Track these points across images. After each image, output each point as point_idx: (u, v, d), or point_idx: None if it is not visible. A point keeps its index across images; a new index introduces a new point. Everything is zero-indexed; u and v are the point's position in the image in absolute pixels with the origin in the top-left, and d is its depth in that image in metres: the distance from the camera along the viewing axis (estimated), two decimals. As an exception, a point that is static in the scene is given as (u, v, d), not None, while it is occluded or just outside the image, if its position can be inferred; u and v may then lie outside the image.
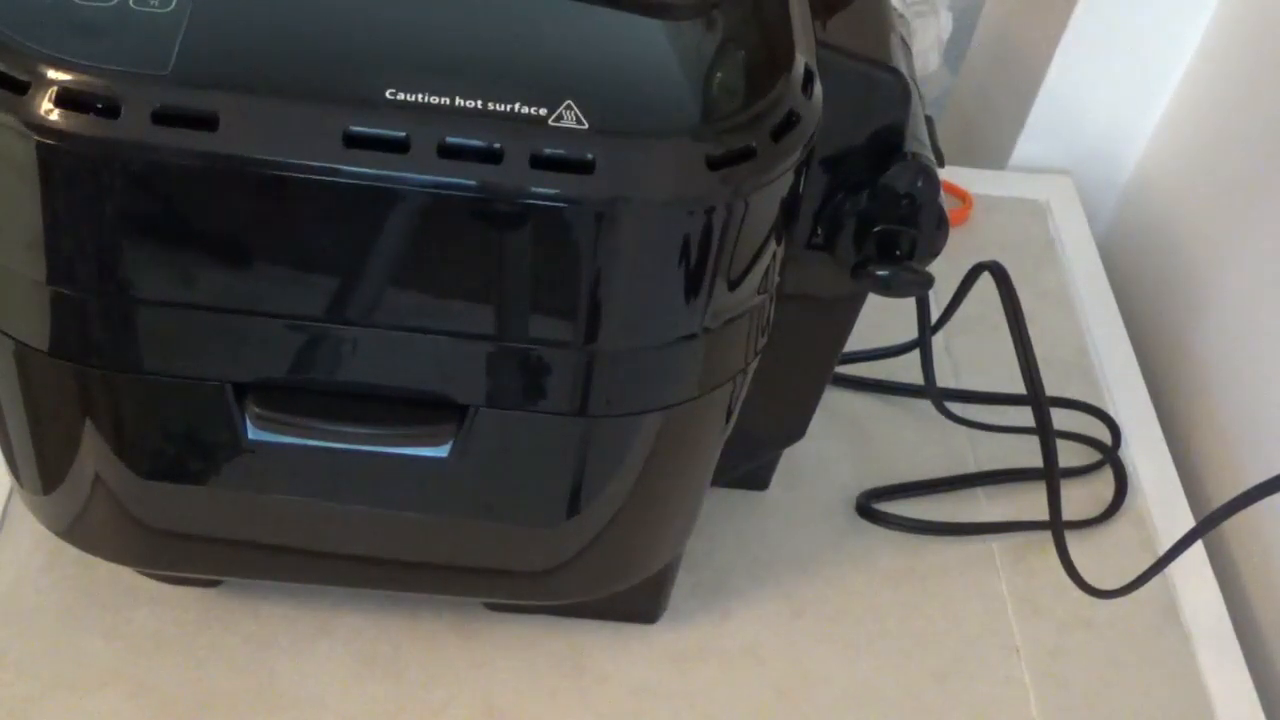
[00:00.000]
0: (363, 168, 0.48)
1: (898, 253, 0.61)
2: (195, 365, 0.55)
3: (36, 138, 0.47)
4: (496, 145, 0.48)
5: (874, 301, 0.67)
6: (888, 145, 0.60)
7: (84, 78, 0.46)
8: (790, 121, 0.51)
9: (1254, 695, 0.79)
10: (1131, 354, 0.98)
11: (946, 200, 0.61)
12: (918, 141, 0.61)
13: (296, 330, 0.54)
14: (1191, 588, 0.83)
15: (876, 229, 0.60)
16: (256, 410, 0.56)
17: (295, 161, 0.48)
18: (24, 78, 0.47)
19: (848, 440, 0.89)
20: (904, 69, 0.60)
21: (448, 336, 0.54)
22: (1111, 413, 0.92)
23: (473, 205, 0.49)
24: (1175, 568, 0.75)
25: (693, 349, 0.57)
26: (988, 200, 1.07)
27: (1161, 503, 0.88)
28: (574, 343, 0.55)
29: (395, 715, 0.72)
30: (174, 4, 0.48)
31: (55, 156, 0.48)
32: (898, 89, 0.59)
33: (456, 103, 0.48)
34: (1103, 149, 1.10)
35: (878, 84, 0.59)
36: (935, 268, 0.62)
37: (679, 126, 0.50)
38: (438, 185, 0.48)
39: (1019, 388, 0.65)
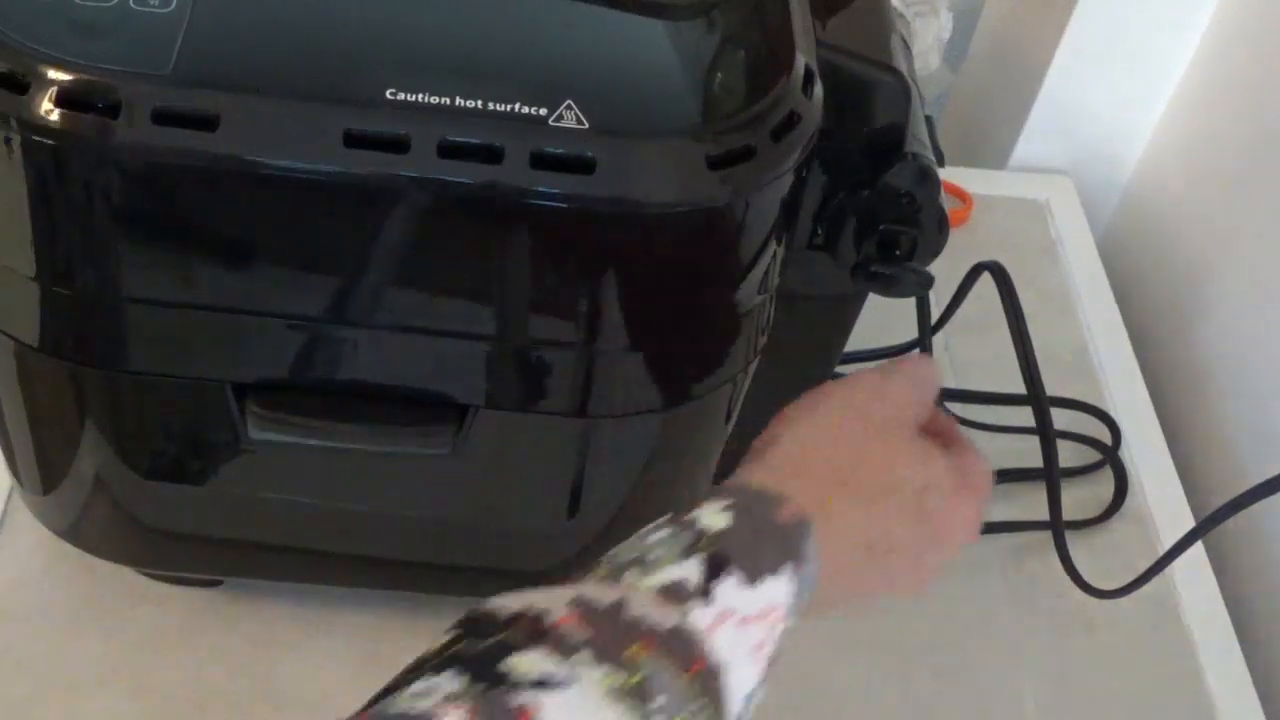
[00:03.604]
0: (363, 168, 0.48)
1: (898, 253, 0.61)
2: (195, 365, 0.55)
3: (36, 138, 0.47)
4: (497, 145, 0.48)
5: (874, 301, 0.67)
6: (888, 145, 0.60)
7: (84, 78, 0.47)
8: (790, 121, 0.51)
9: (1254, 695, 0.79)
10: (1131, 354, 0.98)
11: (946, 200, 0.61)
12: (918, 141, 0.61)
13: (296, 330, 0.54)
14: (1191, 588, 0.83)
15: (877, 229, 0.60)
16: (256, 410, 0.56)
17: (295, 162, 0.48)
18: (24, 78, 0.47)
19: (848, 440, 0.88)
20: (904, 69, 0.60)
21: (447, 337, 0.54)
22: (1111, 413, 0.92)
23: (473, 205, 0.49)
24: (1175, 568, 0.75)
25: (693, 349, 0.57)
26: (988, 200, 1.07)
27: (1161, 503, 0.88)
28: (574, 343, 0.55)
29: (395, 715, 0.72)
30: (174, 4, 0.48)
31: (55, 156, 0.48)
32: (898, 89, 0.59)
33: (456, 103, 0.48)
34: (1103, 149, 1.10)
35: (878, 84, 0.59)
36: (935, 268, 0.62)
37: (679, 126, 0.50)
38: (438, 185, 0.48)
39: (1019, 388, 0.65)
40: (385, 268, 0.52)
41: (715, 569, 0.43)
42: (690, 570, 0.43)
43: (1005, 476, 0.87)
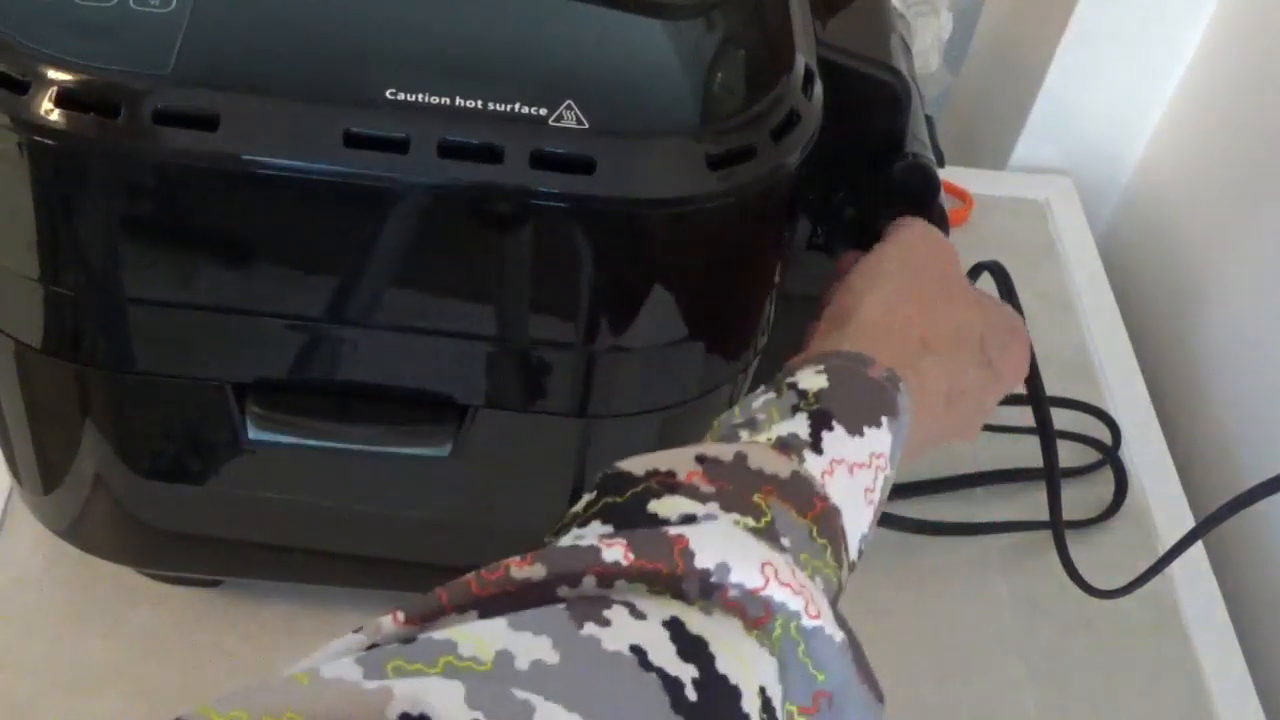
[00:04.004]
0: (363, 168, 0.48)
1: (898, 253, 0.61)
2: (195, 365, 0.55)
3: (37, 138, 0.47)
4: (497, 145, 0.48)
5: (874, 301, 0.67)
6: (888, 145, 0.60)
7: (84, 78, 0.46)
8: (790, 121, 0.51)
9: (1254, 695, 0.79)
10: (1131, 354, 0.98)
11: (946, 200, 0.61)
12: (918, 141, 0.61)
13: (296, 331, 0.54)
14: (1191, 588, 0.83)
15: (877, 229, 0.60)
16: (256, 410, 0.56)
17: (295, 162, 0.48)
18: (24, 78, 0.47)
19: (848, 440, 0.88)
20: (904, 69, 0.60)
21: (447, 337, 0.54)
22: (1111, 413, 0.92)
23: (472, 205, 0.49)
24: (1175, 568, 0.75)
25: (693, 349, 0.57)
26: (988, 200, 1.07)
27: (1161, 503, 0.88)
28: (574, 343, 0.55)
29: (395, 715, 0.72)
30: (174, 4, 0.48)
31: (55, 156, 0.48)
32: (898, 89, 0.59)
33: (456, 103, 0.48)
34: (1103, 149, 1.10)
35: (878, 84, 0.59)
36: (935, 268, 0.62)
37: (679, 126, 0.50)
38: (438, 185, 0.48)
39: (1018, 387, 0.65)
40: (385, 268, 0.52)
41: (821, 423, 0.47)
42: (799, 426, 0.46)
43: (1005, 476, 0.87)
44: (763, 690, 0.38)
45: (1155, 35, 1.02)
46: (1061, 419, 0.88)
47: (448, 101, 0.48)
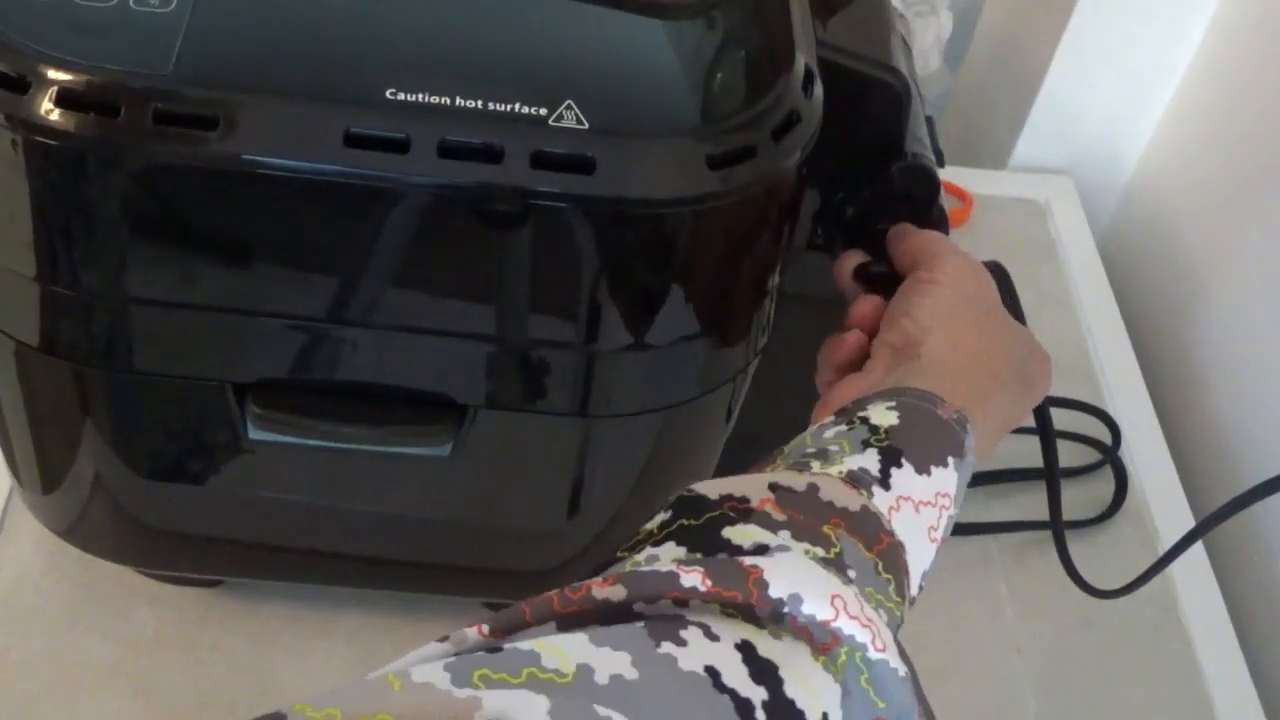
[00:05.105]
0: (363, 168, 0.48)
1: (898, 253, 0.61)
2: (195, 365, 0.55)
3: (37, 138, 0.47)
4: (497, 145, 0.48)
5: (874, 301, 0.67)
6: (888, 145, 0.60)
7: (84, 78, 0.46)
8: (790, 121, 0.51)
9: (1254, 695, 0.79)
10: (1131, 354, 0.98)
11: (946, 200, 0.61)
12: (918, 141, 0.61)
13: (296, 330, 0.54)
14: (1191, 588, 0.83)
15: (877, 229, 0.60)
16: (257, 410, 0.56)
17: (295, 162, 0.47)
18: (24, 78, 0.46)
19: (848, 440, 0.88)
20: (904, 69, 0.60)
21: (447, 337, 0.54)
22: (1111, 413, 0.92)
23: (473, 205, 0.49)
24: (1175, 568, 0.75)
25: (693, 349, 0.57)
26: (988, 200, 1.07)
27: (1161, 503, 0.88)
28: (574, 343, 0.55)
29: (395, 715, 0.72)
30: (174, 4, 0.48)
31: (55, 156, 0.48)
32: (898, 89, 0.59)
33: (456, 103, 0.48)
34: (1103, 149, 1.10)
35: (878, 84, 0.59)
36: (935, 268, 0.62)
37: (679, 126, 0.50)
38: (438, 185, 0.48)
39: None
40: (385, 268, 0.52)
41: (890, 460, 0.48)
42: (869, 461, 0.47)
43: (1005, 476, 0.87)
44: (825, 716, 0.39)
45: (1155, 35, 1.02)
46: (1061, 419, 0.88)
47: (448, 101, 0.48)
